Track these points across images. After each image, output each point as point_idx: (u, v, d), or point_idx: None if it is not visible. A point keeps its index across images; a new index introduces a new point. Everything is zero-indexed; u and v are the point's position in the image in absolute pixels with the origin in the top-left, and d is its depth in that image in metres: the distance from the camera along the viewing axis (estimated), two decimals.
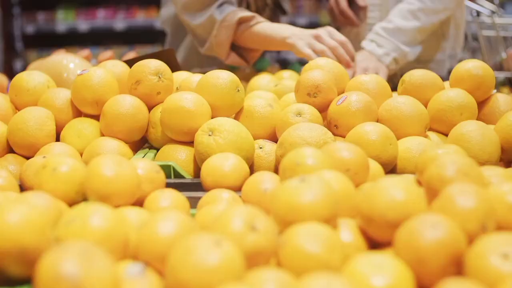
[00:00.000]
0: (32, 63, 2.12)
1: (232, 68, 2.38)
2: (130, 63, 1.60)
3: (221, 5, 1.98)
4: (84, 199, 1.08)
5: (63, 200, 1.06)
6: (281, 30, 1.92)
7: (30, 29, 5.68)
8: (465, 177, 0.93)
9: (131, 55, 2.58)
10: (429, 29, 2.12)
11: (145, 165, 1.13)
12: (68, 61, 1.90)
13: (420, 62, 2.23)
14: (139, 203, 1.09)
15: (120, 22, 5.67)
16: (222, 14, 1.95)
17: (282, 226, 0.87)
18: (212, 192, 1.14)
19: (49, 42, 5.73)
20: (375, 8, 2.22)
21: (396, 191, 0.87)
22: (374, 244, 0.91)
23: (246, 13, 1.95)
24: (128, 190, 1.03)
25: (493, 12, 2.70)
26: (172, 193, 1.10)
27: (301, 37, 1.86)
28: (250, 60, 2.04)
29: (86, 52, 2.36)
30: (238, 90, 1.45)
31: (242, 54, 2.04)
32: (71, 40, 5.76)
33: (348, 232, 0.89)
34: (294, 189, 0.88)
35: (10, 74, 2.23)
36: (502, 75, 2.74)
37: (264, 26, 1.94)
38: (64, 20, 5.73)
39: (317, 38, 1.84)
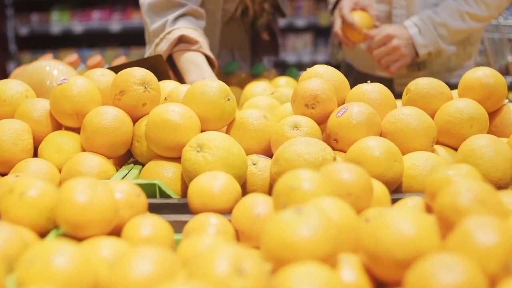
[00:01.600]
0: (15, 70, 2.02)
1: (227, 73, 2.28)
2: (117, 70, 1.49)
3: (181, 16, 1.86)
4: (56, 226, 0.97)
5: (32, 228, 0.95)
6: (192, 73, 1.77)
7: (24, 30, 5.57)
8: (482, 206, 0.82)
9: (121, 59, 2.46)
10: (468, 32, 2.10)
11: (124, 188, 1.02)
12: (51, 67, 1.79)
13: (450, 70, 2.20)
14: (117, 230, 0.98)
15: (115, 23, 5.56)
16: (172, 25, 1.83)
17: (274, 265, 0.76)
18: (199, 217, 1.04)
19: (43, 43, 5.63)
20: (400, 5, 2.14)
21: (404, 224, 0.76)
22: (380, 284, 0.80)
23: (192, 34, 1.81)
24: (103, 219, 0.92)
25: None
26: (154, 219, 0.98)
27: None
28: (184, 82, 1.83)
29: (74, 57, 2.25)
30: (229, 99, 1.34)
31: (177, 72, 1.89)
32: (66, 42, 5.67)
33: (350, 271, 0.78)
34: (288, 222, 0.76)
35: (3, 76, 2.13)
36: (508, 79, 2.64)
37: (190, 58, 1.80)
38: (58, 21, 5.62)
39: None
